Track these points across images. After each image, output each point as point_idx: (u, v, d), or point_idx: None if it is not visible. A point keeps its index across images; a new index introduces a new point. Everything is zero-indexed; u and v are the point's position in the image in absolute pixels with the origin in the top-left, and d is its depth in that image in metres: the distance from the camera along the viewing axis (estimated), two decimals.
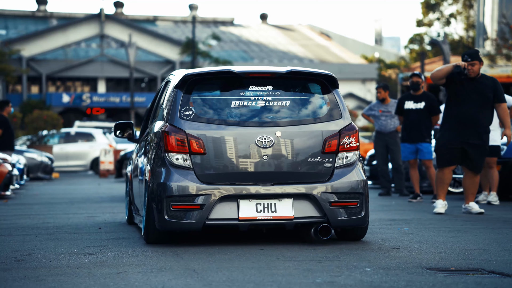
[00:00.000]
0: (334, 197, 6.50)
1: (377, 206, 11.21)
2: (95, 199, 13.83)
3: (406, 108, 12.27)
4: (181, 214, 6.43)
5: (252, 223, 6.45)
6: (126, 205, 9.02)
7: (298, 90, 6.84)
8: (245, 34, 63.48)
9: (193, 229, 6.44)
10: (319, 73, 6.87)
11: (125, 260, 5.87)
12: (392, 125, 13.74)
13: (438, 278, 4.90)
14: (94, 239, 7.32)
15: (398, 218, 9.17)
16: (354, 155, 6.69)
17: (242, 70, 6.79)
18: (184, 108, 6.66)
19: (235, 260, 5.77)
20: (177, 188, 6.44)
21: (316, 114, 6.73)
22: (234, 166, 6.49)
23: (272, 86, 6.76)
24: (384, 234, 7.39)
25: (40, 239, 7.35)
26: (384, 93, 13.73)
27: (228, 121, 6.58)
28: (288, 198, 6.48)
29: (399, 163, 13.70)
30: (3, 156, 14.33)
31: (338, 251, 6.19)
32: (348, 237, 6.88)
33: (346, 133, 6.67)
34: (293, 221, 6.46)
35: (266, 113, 6.65)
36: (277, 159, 6.51)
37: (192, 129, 6.55)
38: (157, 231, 6.66)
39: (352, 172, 6.61)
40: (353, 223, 6.58)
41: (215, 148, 6.50)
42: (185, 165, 6.51)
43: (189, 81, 6.78)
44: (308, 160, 6.54)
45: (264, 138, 6.51)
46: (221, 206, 6.44)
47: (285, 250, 6.26)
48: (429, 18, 58.32)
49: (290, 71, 6.81)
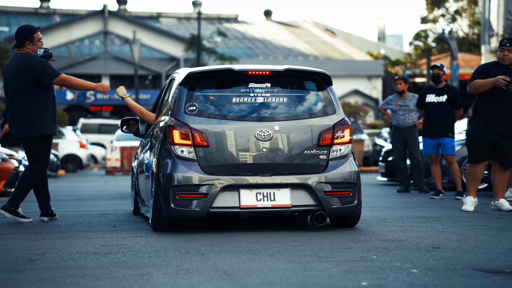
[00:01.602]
0: (329, 186, 6.94)
1: (399, 203, 10.77)
2: (104, 196, 13.41)
3: (427, 102, 11.83)
4: (186, 203, 6.86)
5: (253, 211, 6.89)
6: (132, 196, 9.45)
7: (295, 87, 7.30)
8: (249, 31, 63.06)
9: (198, 216, 6.86)
10: (314, 71, 7.31)
11: (147, 260, 5.44)
12: (410, 119, 13.30)
13: (497, 281, 4.46)
14: (110, 237, 6.89)
15: (426, 215, 8.73)
16: (347, 148, 7.12)
17: (242, 68, 7.20)
18: (188, 104, 7.07)
19: (266, 260, 5.35)
20: (182, 178, 6.87)
21: (312, 109, 7.16)
22: (235, 158, 6.92)
23: (270, 83, 7.17)
24: (417, 232, 6.95)
25: (52, 237, 6.92)
26: (404, 85, 13.29)
27: (229, 116, 7.00)
28: (286, 188, 6.91)
29: (417, 159, 13.26)
30: (10, 152, 13.89)
31: (375, 251, 5.75)
32: (342, 224, 7.34)
33: (340, 127, 7.11)
34: (290, 209, 6.90)
35: (264, 108, 7.07)
36: (276, 152, 6.95)
37: (196, 123, 6.97)
38: (164, 219, 7.06)
39: (345, 164, 7.05)
40: (347, 211, 7.04)
41: (217, 141, 6.93)
42: (189, 157, 6.93)
43: (192, 79, 7.20)
44: (304, 153, 6.98)
45: (263, 132, 6.94)
46: (223, 195, 6.87)
47: (317, 250, 5.84)
48: (433, 14, 57.98)
49: (287, 69, 7.25)
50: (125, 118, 8.80)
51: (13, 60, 8.37)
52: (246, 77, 7.20)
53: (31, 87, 8.25)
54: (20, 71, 8.25)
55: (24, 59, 8.29)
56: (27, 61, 8.27)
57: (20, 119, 8.27)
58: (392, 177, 15.75)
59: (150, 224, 7.43)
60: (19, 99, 8.26)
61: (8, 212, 8.28)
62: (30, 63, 8.25)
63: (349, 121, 7.24)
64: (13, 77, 8.28)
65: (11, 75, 8.30)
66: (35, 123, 8.26)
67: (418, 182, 13.25)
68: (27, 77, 8.23)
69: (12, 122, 8.33)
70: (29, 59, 8.28)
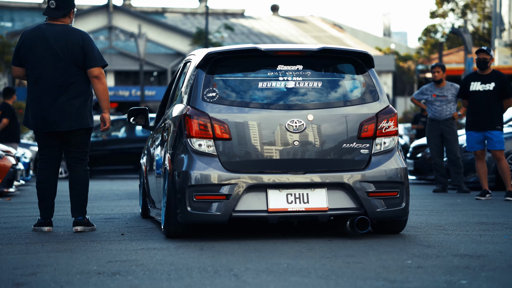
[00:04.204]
0: (372, 186, 6.03)
1: (444, 205, 9.52)
2: (110, 196, 12.18)
3: (472, 90, 10.55)
4: (205, 206, 5.96)
5: (283, 215, 5.98)
6: (140, 197, 8.57)
7: (331, 70, 6.40)
8: (256, 26, 62.15)
9: (219, 221, 5.96)
10: (354, 51, 6.37)
11: (167, 284, 4.22)
12: (448, 111, 12.03)
13: None
14: (118, 249, 5.67)
15: (487, 221, 7.48)
16: (392, 141, 6.20)
17: (269, 48, 6.27)
18: (207, 90, 6.17)
19: (321, 285, 4.12)
20: (200, 177, 5.97)
21: (350, 96, 6.27)
22: (262, 153, 6.03)
23: (302, 65, 6.27)
24: (494, 244, 5.68)
25: (47, 250, 5.70)
26: (442, 73, 12.02)
27: (255, 104, 6.12)
28: (322, 188, 6.01)
29: (456, 155, 11.99)
30: (6, 149, 12.68)
31: (458, 272, 4.51)
32: (386, 230, 6.40)
33: (384, 116, 6.18)
34: (327, 213, 5.99)
35: (295, 95, 6.19)
36: (309, 145, 6.05)
37: (216, 112, 6.07)
38: (179, 224, 6.13)
39: (391, 159, 6.14)
40: (393, 215, 6.09)
41: (241, 133, 6.03)
42: (209, 152, 6.03)
43: (212, 60, 6.29)
44: (342, 147, 6.08)
45: (294, 122, 6.04)
46: (248, 197, 5.97)
47: (382, 270, 4.63)
48: (443, 9, 56.94)
49: (322, 49, 6.29)
50: (132, 108, 7.87)
51: (57, 31, 6.80)
52: (274, 58, 6.28)
53: (82, 67, 6.87)
54: (74, 44, 6.78)
55: (74, 33, 6.81)
56: (77, 36, 6.80)
57: (81, 107, 6.86)
58: (422, 175, 14.50)
59: (163, 230, 6.43)
60: (74, 81, 6.83)
61: (88, 225, 6.96)
62: (81, 39, 6.78)
63: (395, 109, 6.28)
64: (69, 52, 6.78)
65: (62, 46, 6.77)
66: (91, 111, 6.97)
67: (456, 181, 11.98)
68: (80, 56, 6.82)
69: (71, 109, 6.83)
70: (80, 34, 6.82)
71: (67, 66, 6.82)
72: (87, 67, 6.84)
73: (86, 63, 6.83)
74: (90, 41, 6.86)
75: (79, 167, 6.98)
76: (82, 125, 6.90)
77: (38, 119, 6.91)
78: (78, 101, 6.86)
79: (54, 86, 6.82)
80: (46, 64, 6.84)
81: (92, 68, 6.83)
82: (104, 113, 6.94)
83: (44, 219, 7.00)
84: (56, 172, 7.07)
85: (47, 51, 6.82)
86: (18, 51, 6.95)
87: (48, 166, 7.03)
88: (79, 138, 6.96)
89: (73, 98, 6.85)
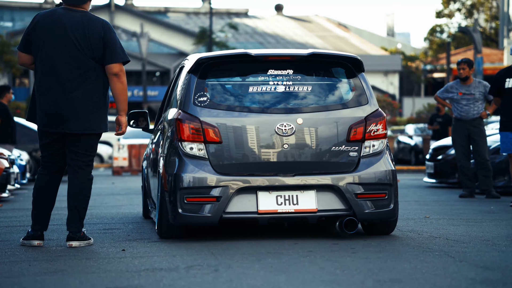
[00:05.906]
0: (361, 188, 6.19)
1: (477, 213, 8.62)
2: (110, 201, 11.30)
3: (507, 88, 9.66)
4: (196, 207, 6.11)
5: (273, 217, 6.14)
6: (142, 198, 8.68)
7: (321, 74, 6.63)
8: (260, 26, 61.63)
9: (209, 223, 6.12)
10: (343, 56, 6.58)
11: None
12: (475, 110, 11.14)
13: None
14: (117, 270, 4.80)
15: None
16: (381, 144, 6.37)
17: (260, 53, 6.47)
18: (199, 94, 6.35)
19: None
20: (191, 179, 6.12)
21: (340, 99, 6.46)
22: (253, 156, 6.19)
23: (292, 70, 6.46)
24: None
25: (34, 271, 4.83)
26: (469, 70, 11.14)
27: (246, 108, 6.30)
28: (311, 190, 6.17)
29: (485, 157, 11.10)
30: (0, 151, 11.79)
31: None
32: (375, 232, 6.52)
33: (373, 119, 6.36)
34: (316, 214, 6.15)
35: (286, 99, 6.37)
36: (299, 148, 6.23)
37: (207, 116, 6.24)
38: (171, 226, 6.29)
39: (379, 162, 6.31)
40: (381, 216, 6.26)
41: (232, 137, 6.20)
42: (200, 155, 6.19)
43: (203, 65, 6.47)
44: (332, 149, 6.26)
45: (284, 126, 6.21)
46: (239, 199, 6.14)
47: None
48: (449, 9, 56.42)
49: (312, 54, 6.47)
50: (133, 111, 8.06)
51: (76, 18, 5.94)
52: (265, 63, 6.46)
53: (101, 62, 5.99)
54: (95, 34, 5.92)
55: (95, 22, 5.93)
56: (98, 25, 5.91)
57: (96, 107, 5.99)
58: (443, 179, 13.60)
59: (156, 231, 6.60)
60: (90, 76, 5.96)
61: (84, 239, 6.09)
62: (102, 30, 5.92)
63: (384, 112, 6.40)
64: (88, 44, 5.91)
65: (80, 36, 5.92)
66: (106, 113, 6.08)
67: (485, 186, 11.08)
68: (100, 49, 5.95)
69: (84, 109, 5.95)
70: (102, 24, 5.94)
71: (83, 59, 5.92)
72: (106, 62, 5.95)
73: (106, 58, 5.95)
74: (112, 33, 5.97)
75: (82, 174, 6.08)
76: (94, 129, 6.01)
77: (46, 115, 5.98)
78: (93, 100, 5.96)
79: (67, 80, 5.92)
80: (60, 54, 5.92)
81: (112, 64, 5.94)
82: (120, 115, 6.10)
83: (35, 231, 6.12)
84: (57, 180, 6.22)
85: (63, 40, 5.92)
86: (28, 35, 5.99)
87: (50, 172, 6.16)
88: (88, 140, 6.06)
89: (87, 96, 5.95)
